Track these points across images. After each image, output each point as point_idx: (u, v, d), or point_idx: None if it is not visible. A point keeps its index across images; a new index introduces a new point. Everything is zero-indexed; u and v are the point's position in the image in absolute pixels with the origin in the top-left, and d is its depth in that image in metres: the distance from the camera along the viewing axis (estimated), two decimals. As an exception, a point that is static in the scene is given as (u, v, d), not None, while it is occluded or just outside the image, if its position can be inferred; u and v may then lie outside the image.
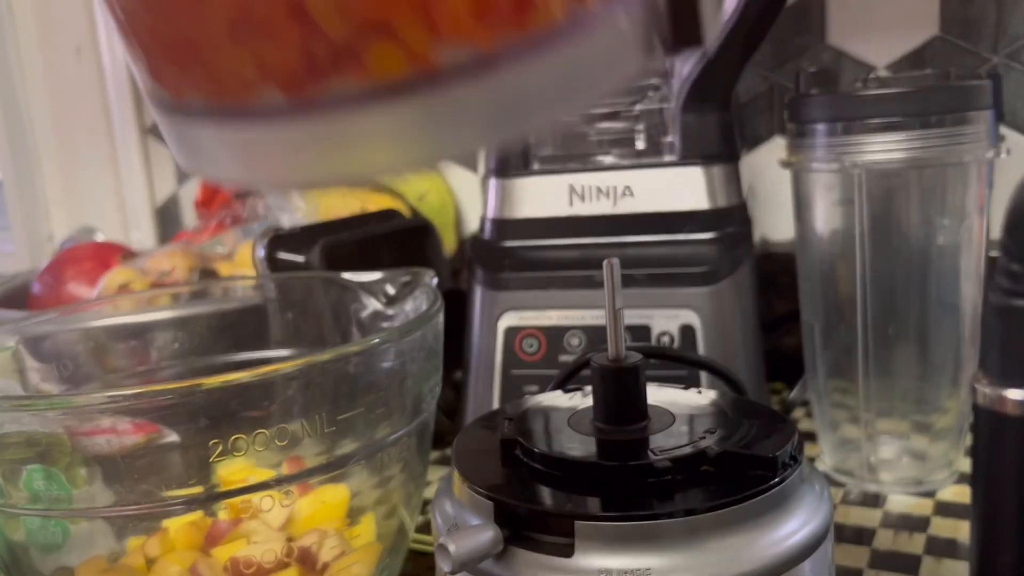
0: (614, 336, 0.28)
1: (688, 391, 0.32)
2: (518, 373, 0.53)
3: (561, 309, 0.53)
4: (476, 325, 0.55)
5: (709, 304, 0.51)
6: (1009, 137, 0.62)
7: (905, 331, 0.47)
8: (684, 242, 0.52)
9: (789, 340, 0.67)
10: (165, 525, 0.36)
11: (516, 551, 0.25)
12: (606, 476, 0.26)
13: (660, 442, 0.27)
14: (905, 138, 0.44)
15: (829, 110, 0.46)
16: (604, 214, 0.54)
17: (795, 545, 0.25)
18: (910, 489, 0.48)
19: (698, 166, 0.53)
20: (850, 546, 0.43)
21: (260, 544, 0.35)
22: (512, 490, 0.26)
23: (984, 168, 0.46)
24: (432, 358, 0.39)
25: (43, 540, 0.35)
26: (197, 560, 0.35)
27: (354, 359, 0.34)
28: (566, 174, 0.55)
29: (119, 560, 0.36)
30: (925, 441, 0.49)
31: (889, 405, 0.49)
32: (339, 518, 0.37)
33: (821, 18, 0.66)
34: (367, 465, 0.37)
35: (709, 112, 0.53)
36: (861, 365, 0.48)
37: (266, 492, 0.35)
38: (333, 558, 0.36)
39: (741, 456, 0.26)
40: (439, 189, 0.80)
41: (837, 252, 0.48)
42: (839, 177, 0.47)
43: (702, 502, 0.24)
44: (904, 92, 0.44)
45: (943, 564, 0.41)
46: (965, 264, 0.47)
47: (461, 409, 0.56)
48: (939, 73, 0.49)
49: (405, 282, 0.45)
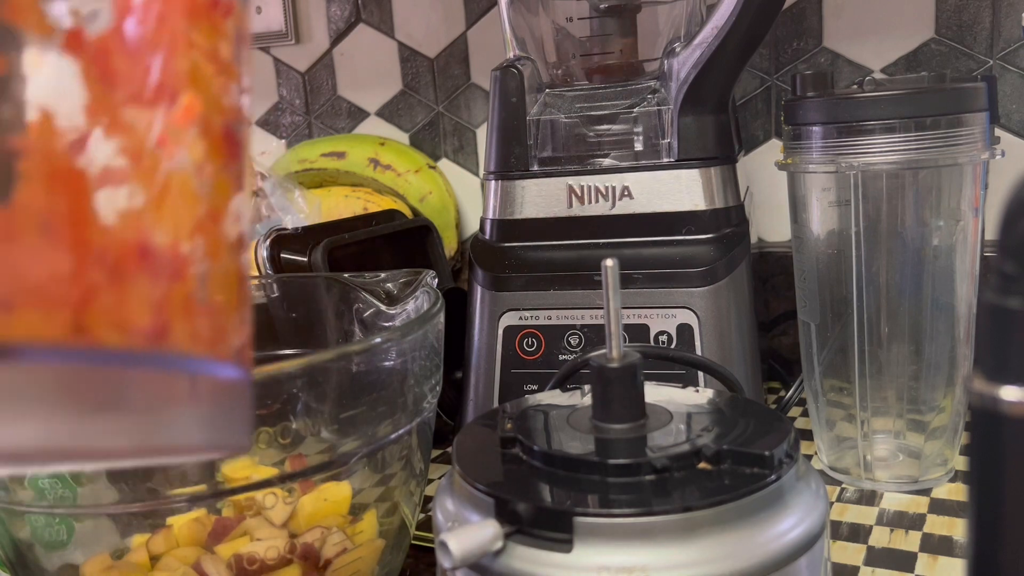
0: (613, 336, 0.29)
1: (685, 390, 0.32)
2: (518, 372, 0.54)
3: (561, 309, 0.53)
4: (476, 325, 0.55)
5: (707, 304, 0.51)
6: (1004, 139, 0.62)
7: (900, 331, 0.48)
8: (682, 243, 0.53)
9: (785, 340, 0.68)
10: (169, 522, 0.36)
11: (516, 547, 0.25)
12: (605, 473, 0.26)
13: (658, 440, 0.27)
14: (901, 140, 0.44)
15: (825, 112, 0.46)
16: (603, 215, 0.54)
17: (791, 542, 0.25)
18: (906, 487, 0.48)
19: (696, 168, 0.53)
20: (846, 543, 0.43)
21: (263, 541, 0.35)
22: (512, 487, 0.26)
23: (979, 169, 0.46)
24: (433, 357, 0.40)
25: (48, 537, 0.36)
26: (201, 557, 0.35)
27: (356, 358, 0.35)
28: (565, 176, 0.55)
29: (123, 557, 0.36)
30: (921, 439, 0.49)
31: (885, 404, 0.49)
32: (341, 515, 0.38)
33: (817, 21, 0.67)
34: (369, 463, 0.38)
35: (706, 114, 0.53)
36: (857, 364, 0.48)
37: (269, 489, 0.35)
38: (335, 555, 0.36)
39: (738, 454, 0.26)
40: (440, 190, 0.80)
41: (833, 253, 0.48)
42: (835, 179, 0.47)
43: (699, 499, 0.24)
44: (900, 94, 0.45)
45: (939, 562, 0.41)
46: (960, 264, 0.47)
47: (462, 408, 0.56)
48: (934, 76, 0.50)
49: (406, 282, 0.45)
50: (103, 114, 0.16)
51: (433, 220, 0.72)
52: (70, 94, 0.16)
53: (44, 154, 0.16)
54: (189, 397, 0.18)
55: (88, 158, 0.16)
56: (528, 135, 0.56)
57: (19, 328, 0.15)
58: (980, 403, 0.19)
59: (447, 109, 0.82)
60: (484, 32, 0.79)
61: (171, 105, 0.18)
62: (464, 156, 0.82)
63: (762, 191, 0.70)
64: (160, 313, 0.17)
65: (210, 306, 0.18)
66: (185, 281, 0.18)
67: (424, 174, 0.80)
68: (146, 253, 0.17)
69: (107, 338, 0.16)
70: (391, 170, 0.80)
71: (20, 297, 0.15)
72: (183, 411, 0.18)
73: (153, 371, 0.17)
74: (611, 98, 0.56)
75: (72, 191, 0.16)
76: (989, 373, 0.19)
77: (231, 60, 0.19)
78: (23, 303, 0.15)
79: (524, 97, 0.56)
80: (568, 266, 0.54)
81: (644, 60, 0.58)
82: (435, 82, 0.82)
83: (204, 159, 0.18)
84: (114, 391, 0.17)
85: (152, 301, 0.17)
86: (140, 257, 0.17)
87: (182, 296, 0.18)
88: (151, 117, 0.17)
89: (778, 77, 0.69)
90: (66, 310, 0.16)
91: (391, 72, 0.84)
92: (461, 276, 0.81)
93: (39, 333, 0.16)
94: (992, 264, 0.21)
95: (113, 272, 0.16)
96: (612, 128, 0.55)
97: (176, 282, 0.17)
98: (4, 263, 0.15)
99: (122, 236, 0.17)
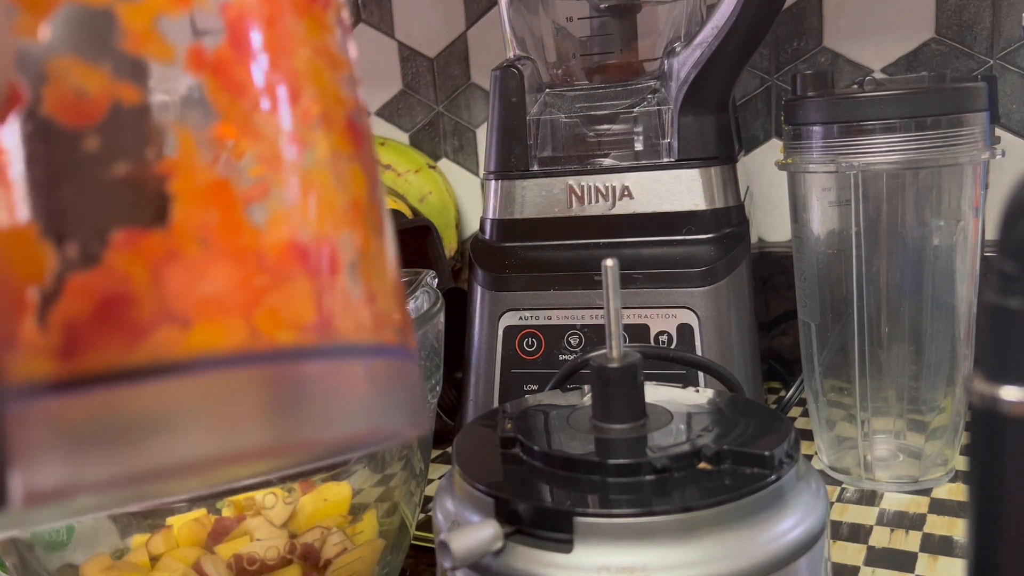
0: (613, 336, 0.29)
1: (686, 390, 0.32)
2: (518, 372, 0.54)
3: (561, 309, 0.53)
4: (477, 325, 0.55)
5: (707, 304, 0.51)
6: (1004, 139, 0.62)
7: (901, 331, 0.48)
8: (682, 243, 0.53)
9: (785, 340, 0.68)
10: (169, 522, 0.36)
11: (516, 547, 0.25)
12: (605, 473, 0.26)
13: (658, 440, 0.27)
14: (901, 140, 0.44)
15: (825, 112, 0.46)
16: (603, 215, 0.54)
17: (791, 542, 0.25)
18: (906, 487, 0.48)
19: (696, 168, 0.53)
20: (846, 543, 0.43)
21: (263, 541, 0.35)
22: (512, 487, 0.26)
23: (979, 169, 0.46)
24: (433, 357, 0.40)
25: (48, 538, 0.36)
26: (201, 557, 0.35)
27: (356, 358, 0.35)
28: (566, 176, 0.55)
29: (123, 557, 0.36)
30: (921, 439, 0.49)
31: (885, 404, 0.49)
32: (341, 515, 0.38)
33: (818, 21, 0.67)
34: (369, 463, 0.38)
35: (707, 114, 0.53)
36: (857, 364, 0.48)
37: (269, 489, 0.35)
38: (335, 555, 0.36)
39: (738, 454, 0.26)
40: (440, 190, 0.80)
41: (833, 252, 0.48)
42: (835, 178, 0.47)
43: (699, 499, 0.24)
44: (900, 94, 0.45)
45: (939, 562, 0.41)
46: (960, 264, 0.47)
47: (462, 408, 0.56)
48: (935, 75, 0.50)
49: (406, 282, 0.45)
50: (235, 123, 0.17)
51: (433, 220, 0.72)
52: (202, 109, 0.17)
53: (189, 172, 0.16)
54: (364, 384, 0.18)
55: (230, 168, 0.17)
56: (528, 135, 0.56)
57: (200, 341, 0.16)
58: (980, 403, 0.19)
59: (447, 109, 0.82)
60: (484, 32, 0.79)
61: (294, 105, 0.18)
62: (464, 156, 0.82)
63: (762, 191, 0.70)
64: (323, 307, 0.18)
65: (368, 293, 0.19)
66: (340, 272, 0.18)
67: (424, 174, 0.80)
68: (300, 251, 0.18)
69: (281, 338, 0.17)
70: (391, 170, 0.80)
71: (195, 311, 0.16)
72: (360, 398, 0.18)
73: (327, 363, 0.18)
74: (611, 98, 0.56)
75: (222, 203, 0.17)
76: (989, 373, 0.19)
77: (339, 52, 0.20)
78: (199, 317, 0.16)
79: (524, 97, 0.56)
80: (568, 266, 0.54)
81: (644, 60, 0.58)
82: (435, 82, 0.82)
83: (334, 152, 0.19)
84: (295, 388, 0.17)
85: (314, 296, 0.18)
86: (296, 255, 0.17)
87: (340, 287, 0.18)
88: (278, 119, 0.18)
89: (778, 77, 0.69)
90: (239, 317, 0.16)
91: (391, 72, 0.84)
92: (461, 276, 0.81)
93: (218, 343, 0.16)
94: (992, 264, 0.21)
95: (274, 273, 0.17)
96: (612, 128, 0.55)
97: (333, 275, 0.18)
98: (175, 281, 0.16)
99: (276, 238, 0.17)
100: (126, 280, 0.16)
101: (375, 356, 0.19)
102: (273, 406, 0.17)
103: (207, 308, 0.16)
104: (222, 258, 0.16)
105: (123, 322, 0.15)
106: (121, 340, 0.15)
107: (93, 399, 0.15)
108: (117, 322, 0.15)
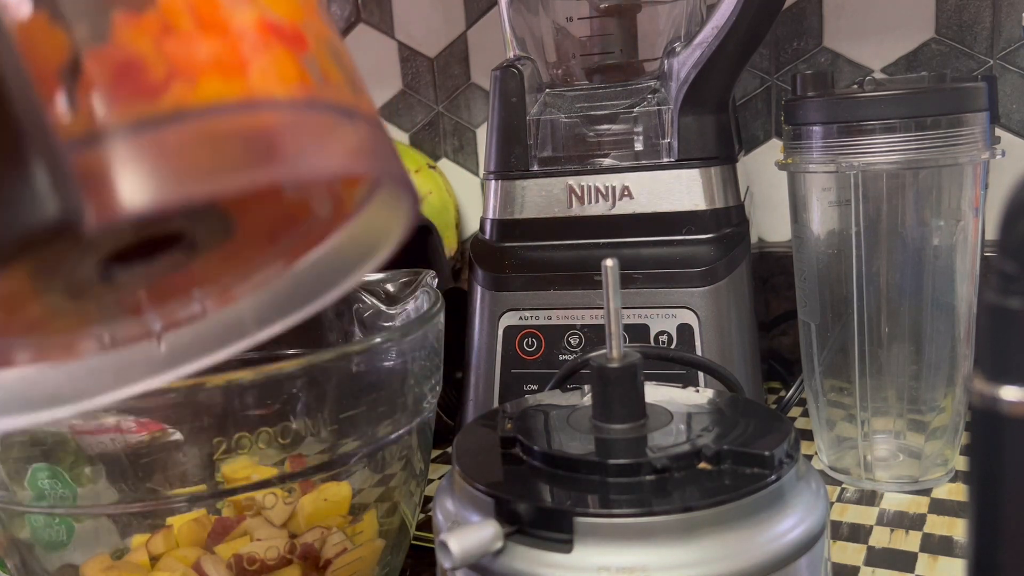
0: (613, 336, 0.29)
1: (686, 390, 0.32)
2: (518, 372, 0.54)
3: (561, 309, 0.53)
4: (476, 325, 0.55)
5: (707, 304, 0.51)
6: (1004, 139, 0.62)
7: (901, 331, 0.48)
8: (682, 243, 0.53)
9: (785, 340, 0.68)
10: (169, 522, 0.36)
11: (516, 547, 0.25)
12: (605, 473, 0.26)
13: (658, 440, 0.27)
14: (901, 140, 0.44)
15: (825, 112, 0.46)
16: (603, 215, 0.54)
17: (791, 542, 0.25)
18: (906, 487, 0.48)
19: (696, 168, 0.53)
20: (846, 543, 0.43)
21: (263, 541, 0.35)
22: (512, 487, 0.26)
23: (979, 169, 0.46)
24: (433, 357, 0.40)
25: (48, 538, 0.36)
26: (201, 557, 0.35)
27: (356, 358, 0.35)
28: (565, 176, 0.55)
29: (123, 557, 0.36)
30: (921, 439, 0.49)
31: (885, 404, 0.49)
32: (341, 515, 0.38)
33: (818, 21, 0.67)
34: (369, 463, 0.38)
35: (707, 114, 0.53)
36: (857, 364, 0.48)
37: (269, 490, 0.35)
38: (335, 555, 0.36)
39: (738, 454, 0.26)
40: (440, 190, 0.80)
41: (833, 252, 0.48)
42: (835, 178, 0.47)
43: (699, 499, 0.24)
44: (900, 94, 0.45)
45: (939, 562, 0.41)
46: (960, 264, 0.47)
47: (462, 408, 0.56)
48: (935, 75, 0.50)
49: (406, 282, 0.45)
50: None
51: (433, 220, 0.72)
52: None
53: None
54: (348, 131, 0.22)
55: None
56: (528, 135, 0.56)
57: (205, 93, 0.19)
58: (980, 403, 0.19)
59: (447, 109, 0.82)
60: (484, 32, 0.79)
61: None
62: (464, 156, 0.82)
63: (762, 191, 0.70)
64: (303, 73, 0.21)
65: (339, 69, 0.22)
66: (310, 49, 0.22)
67: (424, 174, 0.80)
68: (274, 27, 0.21)
69: (274, 91, 0.20)
70: (391, 170, 0.79)
71: (195, 71, 0.19)
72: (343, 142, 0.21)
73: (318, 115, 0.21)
74: (611, 98, 0.56)
75: None
76: (989, 373, 0.19)
77: None
78: (200, 74, 0.19)
79: (524, 97, 0.56)
80: (568, 266, 0.54)
81: (644, 60, 0.58)
82: (435, 82, 0.82)
83: None
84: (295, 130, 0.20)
85: (295, 63, 0.21)
86: (271, 31, 0.21)
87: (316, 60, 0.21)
88: None
89: (778, 77, 0.69)
90: (237, 75, 0.20)
91: (391, 72, 0.84)
92: (461, 276, 0.81)
93: (225, 95, 0.19)
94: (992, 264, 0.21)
95: (256, 44, 0.20)
96: (612, 128, 0.56)
97: (303, 49, 0.21)
98: (175, 48, 0.19)
99: (250, 16, 0.20)
100: (134, 50, 0.19)
101: (355, 115, 0.22)
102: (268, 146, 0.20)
103: (203, 68, 0.19)
104: (211, 30, 0.20)
105: (141, 82, 0.19)
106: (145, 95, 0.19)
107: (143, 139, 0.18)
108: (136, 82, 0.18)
